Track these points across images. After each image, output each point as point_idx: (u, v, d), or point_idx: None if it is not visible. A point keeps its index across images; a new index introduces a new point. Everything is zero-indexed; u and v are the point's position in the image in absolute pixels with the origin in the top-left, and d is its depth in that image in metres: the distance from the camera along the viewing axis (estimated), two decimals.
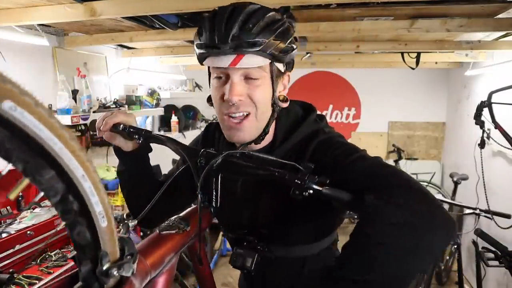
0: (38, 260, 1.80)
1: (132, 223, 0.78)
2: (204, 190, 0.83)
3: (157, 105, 3.25)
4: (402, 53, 3.11)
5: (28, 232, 1.81)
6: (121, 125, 0.93)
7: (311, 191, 0.67)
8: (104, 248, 0.48)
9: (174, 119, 3.78)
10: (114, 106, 2.70)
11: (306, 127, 0.89)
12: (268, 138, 0.91)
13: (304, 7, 1.84)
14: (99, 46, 2.81)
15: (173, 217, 0.78)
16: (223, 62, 0.79)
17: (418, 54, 3.08)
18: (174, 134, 3.74)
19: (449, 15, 1.86)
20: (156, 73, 3.70)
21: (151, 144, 1.00)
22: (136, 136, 0.92)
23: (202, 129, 1.12)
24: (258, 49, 0.77)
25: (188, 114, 4.16)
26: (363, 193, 0.68)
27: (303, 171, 0.69)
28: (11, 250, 1.70)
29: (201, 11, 1.52)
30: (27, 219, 1.96)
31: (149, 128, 3.60)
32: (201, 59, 0.83)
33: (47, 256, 1.83)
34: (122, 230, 0.67)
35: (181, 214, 0.80)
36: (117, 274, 0.49)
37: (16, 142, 0.36)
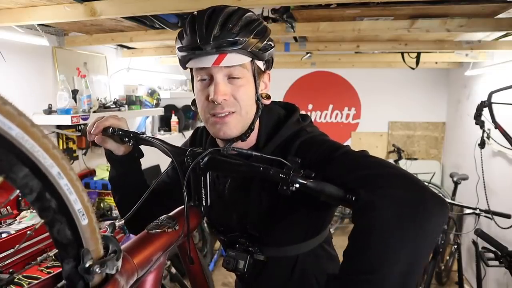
0: (38, 260, 1.80)
1: (118, 223, 0.78)
2: (195, 190, 0.84)
3: (157, 105, 3.25)
4: (402, 53, 3.11)
5: (28, 232, 1.81)
6: (111, 128, 0.93)
7: (297, 185, 0.67)
8: (86, 246, 0.47)
9: (174, 119, 3.79)
10: (114, 106, 2.69)
11: (288, 128, 0.90)
12: (252, 140, 0.92)
13: (304, 7, 1.84)
14: (99, 46, 2.81)
15: (161, 216, 0.78)
16: (206, 62, 0.81)
17: (418, 54, 3.08)
18: (174, 134, 3.75)
19: (449, 15, 1.86)
20: (156, 73, 3.69)
21: (142, 149, 1.01)
22: (126, 139, 0.93)
23: None
24: (239, 48, 0.80)
25: (188, 114, 4.16)
26: (352, 186, 0.68)
27: (288, 165, 0.69)
28: (11, 250, 1.70)
29: None
30: (27, 219, 1.97)
31: (149, 128, 3.60)
32: (184, 62, 0.86)
33: (47, 256, 1.83)
34: (108, 229, 0.67)
35: (170, 213, 0.80)
36: (99, 272, 0.49)
37: None
